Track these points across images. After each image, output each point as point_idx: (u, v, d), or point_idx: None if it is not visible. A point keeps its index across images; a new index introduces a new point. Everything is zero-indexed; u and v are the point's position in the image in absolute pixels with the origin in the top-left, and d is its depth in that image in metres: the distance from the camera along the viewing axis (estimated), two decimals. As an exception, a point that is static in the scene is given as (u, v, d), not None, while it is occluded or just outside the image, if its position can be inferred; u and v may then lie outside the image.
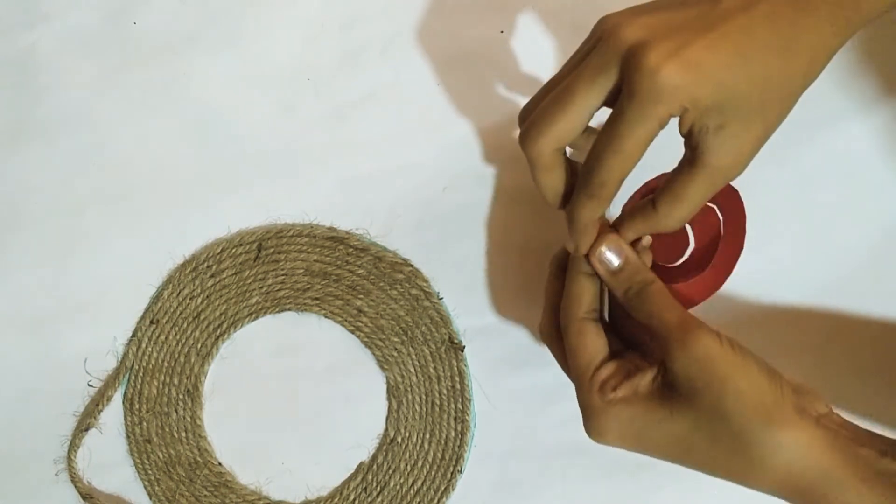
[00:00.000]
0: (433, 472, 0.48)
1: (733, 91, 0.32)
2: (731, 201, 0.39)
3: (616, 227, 0.37)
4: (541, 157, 0.35)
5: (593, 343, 0.37)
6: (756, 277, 0.46)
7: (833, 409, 0.34)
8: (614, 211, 0.39)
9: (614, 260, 0.37)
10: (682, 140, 0.34)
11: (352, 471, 0.48)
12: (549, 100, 0.34)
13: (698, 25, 0.32)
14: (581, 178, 0.35)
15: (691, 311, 0.36)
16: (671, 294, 0.36)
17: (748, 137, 0.33)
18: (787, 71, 0.32)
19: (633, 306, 0.36)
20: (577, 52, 0.35)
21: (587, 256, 0.37)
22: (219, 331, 0.49)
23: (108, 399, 0.48)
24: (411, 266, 0.48)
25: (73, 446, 0.48)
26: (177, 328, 0.49)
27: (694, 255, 0.39)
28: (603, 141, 0.33)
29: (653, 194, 0.36)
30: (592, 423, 0.36)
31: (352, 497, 0.48)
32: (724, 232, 0.39)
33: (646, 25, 0.32)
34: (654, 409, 0.34)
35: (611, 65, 0.32)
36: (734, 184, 0.35)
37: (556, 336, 0.39)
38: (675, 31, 0.32)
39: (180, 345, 0.49)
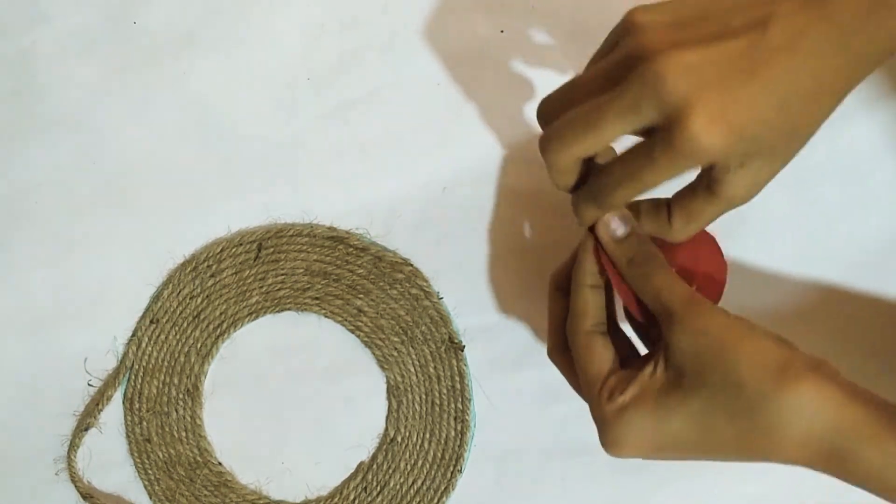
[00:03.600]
0: (433, 472, 0.48)
1: (764, 142, 0.32)
2: (709, 252, 0.39)
3: None
4: (558, 165, 0.35)
5: (601, 355, 0.37)
6: (756, 277, 0.46)
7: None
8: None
9: (620, 228, 0.37)
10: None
11: (352, 470, 0.48)
12: (576, 116, 0.34)
13: (742, 67, 0.31)
14: (593, 183, 0.35)
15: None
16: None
17: (766, 173, 0.34)
18: (817, 114, 0.33)
19: (637, 278, 0.36)
20: (606, 60, 0.34)
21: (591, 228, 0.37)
22: (219, 330, 0.49)
23: (108, 399, 0.48)
24: (411, 266, 0.48)
25: (73, 446, 0.48)
26: (177, 328, 0.49)
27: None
28: (624, 170, 0.34)
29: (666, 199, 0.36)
30: (608, 435, 0.35)
31: (352, 497, 0.48)
32: (702, 270, 0.39)
33: (689, 68, 0.31)
34: (666, 399, 0.34)
35: (650, 107, 0.32)
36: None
37: (565, 355, 0.39)
38: (718, 77, 0.31)
39: (180, 344, 0.49)
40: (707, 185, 0.34)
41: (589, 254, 0.37)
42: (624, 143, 0.34)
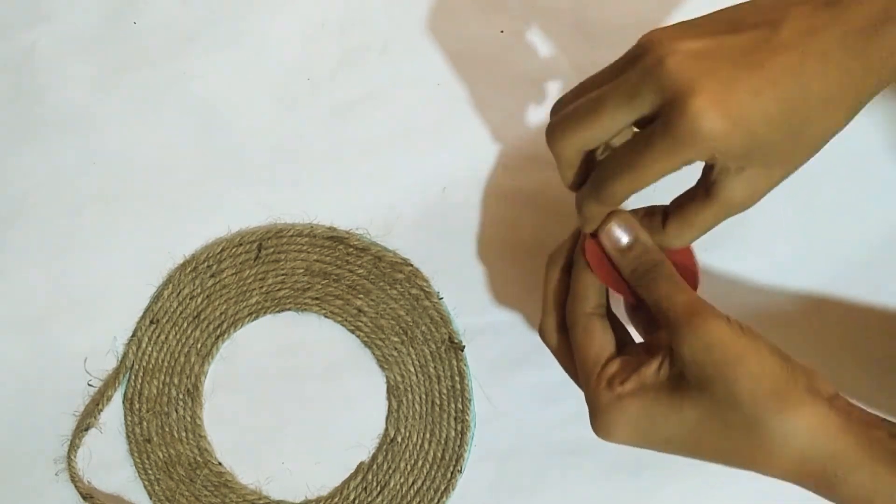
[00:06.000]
0: (433, 472, 0.48)
1: (766, 142, 0.31)
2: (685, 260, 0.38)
3: None
4: (563, 156, 0.35)
5: (600, 339, 0.37)
6: (757, 277, 0.46)
7: (839, 393, 0.34)
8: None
9: (623, 237, 0.36)
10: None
11: (352, 471, 0.48)
12: (580, 105, 0.34)
13: (748, 59, 0.31)
14: (594, 177, 0.35)
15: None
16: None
17: (767, 180, 0.33)
18: (825, 122, 0.32)
19: (640, 287, 0.36)
20: (619, 61, 0.34)
21: (595, 234, 0.37)
22: (219, 331, 0.49)
23: (108, 399, 0.48)
24: (411, 266, 0.48)
25: (73, 446, 0.48)
26: (177, 328, 0.49)
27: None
28: (622, 158, 0.33)
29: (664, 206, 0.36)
30: (601, 420, 0.35)
31: (352, 497, 0.48)
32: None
33: (694, 55, 0.31)
34: (664, 400, 0.34)
35: (650, 92, 0.31)
36: None
37: (559, 336, 0.39)
38: (722, 66, 0.31)
39: (180, 345, 0.49)
40: (704, 189, 0.34)
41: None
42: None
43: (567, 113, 0.35)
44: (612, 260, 0.36)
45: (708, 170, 0.34)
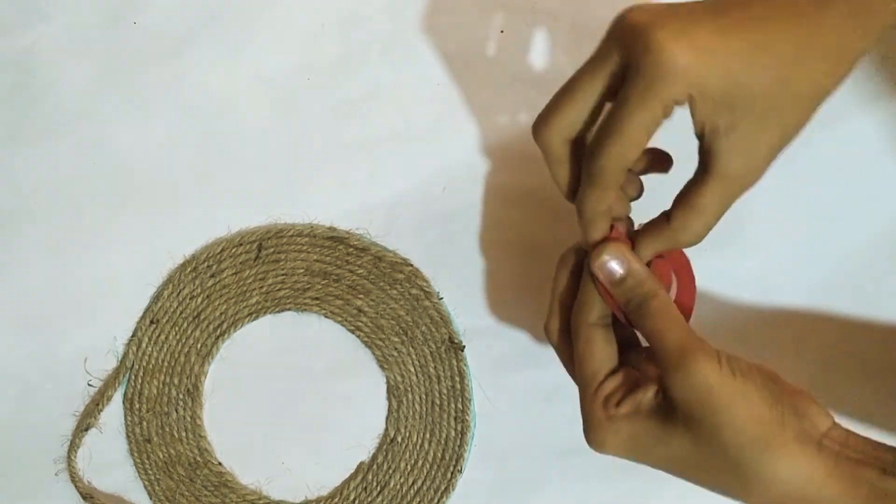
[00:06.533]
0: (433, 472, 0.48)
1: (745, 84, 0.30)
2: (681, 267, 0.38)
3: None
4: (550, 148, 0.35)
5: (601, 352, 0.36)
6: (756, 278, 0.46)
7: (836, 422, 0.33)
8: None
9: (616, 270, 0.35)
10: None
11: (352, 470, 0.48)
12: (556, 92, 0.34)
13: (710, 9, 0.30)
14: (584, 165, 0.34)
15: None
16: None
17: (762, 141, 0.32)
18: (807, 71, 0.31)
19: (633, 320, 0.35)
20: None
21: (589, 265, 0.36)
22: (219, 331, 0.49)
23: (108, 399, 0.48)
24: (411, 266, 0.48)
25: (73, 446, 0.48)
26: (177, 328, 0.49)
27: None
28: (604, 125, 0.32)
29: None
30: (592, 435, 0.36)
31: (352, 497, 0.48)
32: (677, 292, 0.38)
33: (652, 9, 0.31)
34: (654, 427, 0.34)
35: (612, 47, 0.31)
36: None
37: (562, 336, 0.39)
38: (683, 13, 0.30)
39: (180, 345, 0.49)
40: (702, 165, 0.33)
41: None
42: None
43: (546, 105, 0.35)
44: (611, 293, 0.36)
45: (700, 139, 0.33)
